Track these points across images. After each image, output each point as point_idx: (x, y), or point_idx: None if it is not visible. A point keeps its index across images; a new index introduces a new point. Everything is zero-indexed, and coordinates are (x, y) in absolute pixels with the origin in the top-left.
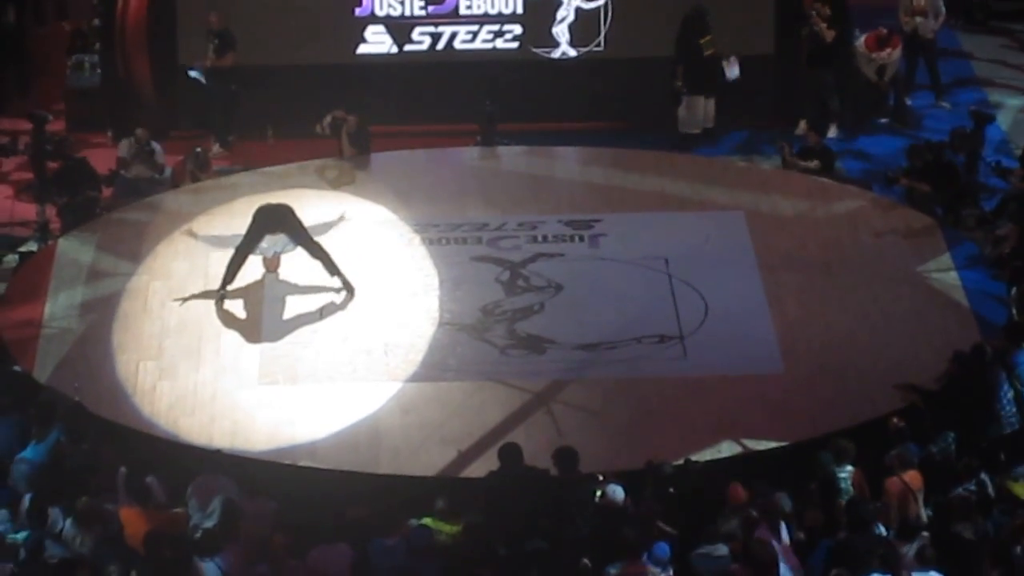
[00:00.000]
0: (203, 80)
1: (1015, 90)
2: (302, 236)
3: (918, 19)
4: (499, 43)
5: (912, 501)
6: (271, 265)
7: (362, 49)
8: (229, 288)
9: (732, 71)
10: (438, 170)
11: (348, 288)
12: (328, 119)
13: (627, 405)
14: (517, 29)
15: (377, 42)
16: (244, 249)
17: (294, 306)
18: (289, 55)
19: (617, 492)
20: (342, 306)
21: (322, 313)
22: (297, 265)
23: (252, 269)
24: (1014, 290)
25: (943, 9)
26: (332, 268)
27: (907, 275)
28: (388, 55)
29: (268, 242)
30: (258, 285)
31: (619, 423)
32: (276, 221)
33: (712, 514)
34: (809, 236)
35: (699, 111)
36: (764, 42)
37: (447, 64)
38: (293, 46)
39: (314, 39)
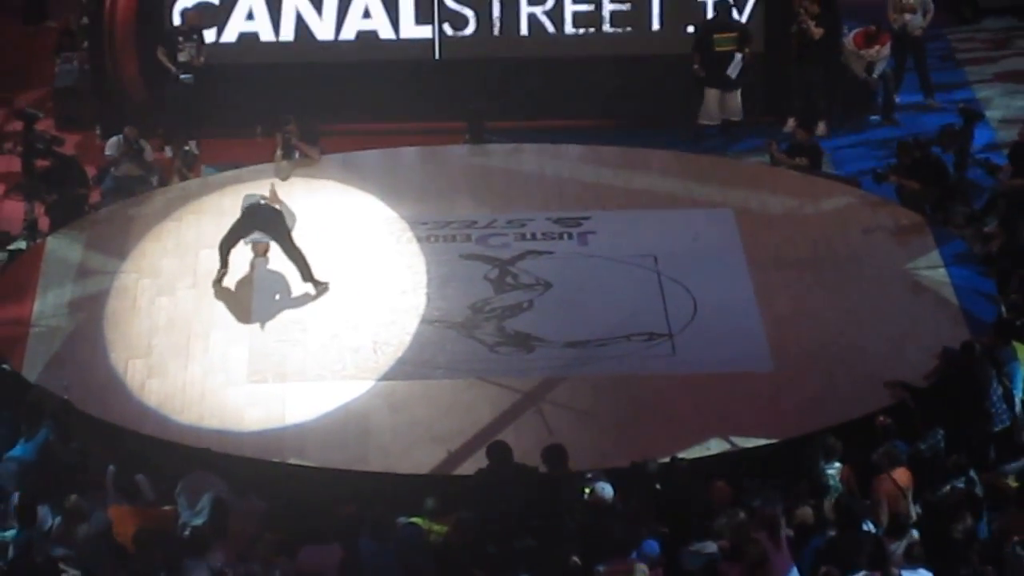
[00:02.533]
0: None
1: (1003, 87)
2: (285, 240)
3: (907, 16)
4: None
5: (901, 499)
6: (259, 249)
7: None
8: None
9: (733, 69)
10: (427, 168)
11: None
12: (279, 152)
13: (616, 403)
14: None
15: None
16: (228, 242)
17: (283, 303)
18: (277, 54)
19: (606, 490)
20: (330, 304)
21: (311, 311)
22: (285, 261)
23: (241, 262)
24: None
25: (932, 6)
26: (307, 274)
27: (896, 272)
28: None
29: (257, 234)
30: (247, 280)
31: (608, 421)
32: (264, 222)
33: (701, 511)
34: (798, 233)
35: (711, 102)
36: (753, 40)
37: (438, 62)
38: (281, 44)
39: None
